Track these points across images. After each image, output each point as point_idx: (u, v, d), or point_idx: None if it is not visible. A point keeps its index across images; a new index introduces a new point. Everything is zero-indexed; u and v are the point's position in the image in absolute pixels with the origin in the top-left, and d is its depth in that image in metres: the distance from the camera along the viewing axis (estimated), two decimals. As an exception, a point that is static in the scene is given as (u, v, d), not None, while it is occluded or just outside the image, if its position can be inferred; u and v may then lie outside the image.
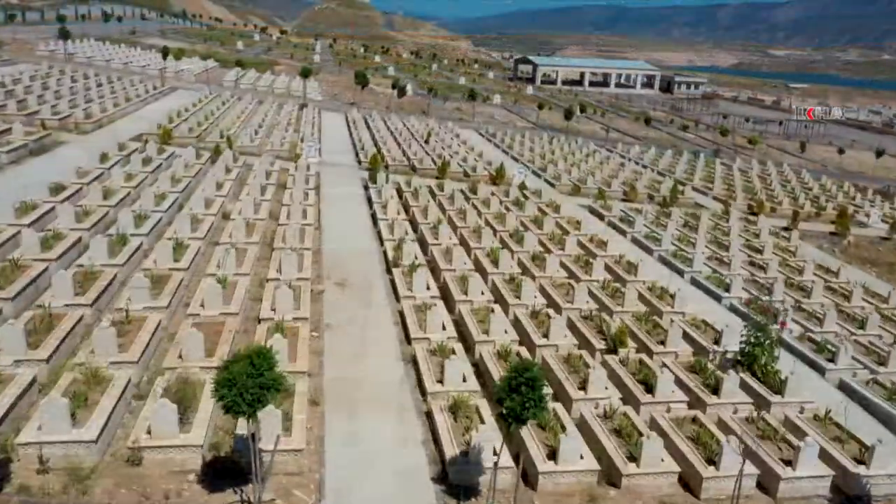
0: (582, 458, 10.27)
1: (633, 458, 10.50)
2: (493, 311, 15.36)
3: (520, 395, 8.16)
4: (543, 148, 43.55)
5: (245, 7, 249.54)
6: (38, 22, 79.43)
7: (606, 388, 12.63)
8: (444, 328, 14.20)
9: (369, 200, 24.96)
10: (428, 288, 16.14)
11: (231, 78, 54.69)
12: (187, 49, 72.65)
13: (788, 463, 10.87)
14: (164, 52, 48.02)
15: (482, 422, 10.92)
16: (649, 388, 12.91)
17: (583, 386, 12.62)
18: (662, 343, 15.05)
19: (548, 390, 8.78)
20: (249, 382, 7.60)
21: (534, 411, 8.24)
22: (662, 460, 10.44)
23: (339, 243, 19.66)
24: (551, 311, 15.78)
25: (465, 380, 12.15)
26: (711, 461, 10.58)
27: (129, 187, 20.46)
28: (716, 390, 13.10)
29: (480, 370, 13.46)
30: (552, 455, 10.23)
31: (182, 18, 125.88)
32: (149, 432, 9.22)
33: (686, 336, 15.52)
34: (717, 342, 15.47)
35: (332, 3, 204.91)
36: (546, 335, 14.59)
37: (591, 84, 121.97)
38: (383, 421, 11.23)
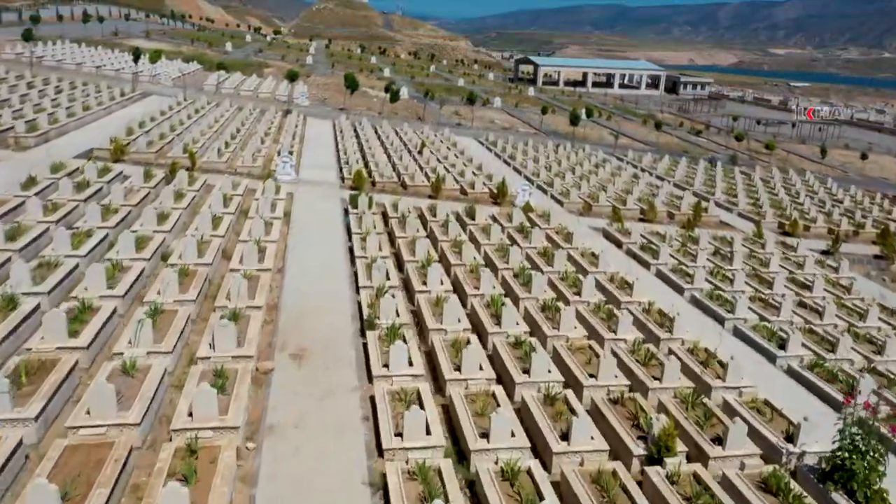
0: None
1: None
2: (494, 397, 11.65)
3: None
4: (549, 158, 39.75)
5: (244, 7, 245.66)
6: (15, 23, 75.52)
7: (657, 533, 8.89)
8: (428, 432, 10.44)
9: (349, 230, 21.20)
10: (411, 364, 12.37)
11: (212, 82, 50.91)
12: (171, 51, 68.89)
13: None
14: (136, 55, 43.96)
15: None
16: (715, 528, 9.19)
17: (622, 528, 8.90)
18: (719, 442, 11.31)
19: None
20: None
21: None
22: None
23: (304, 294, 15.79)
24: (570, 395, 12.04)
25: (455, 530, 8.42)
26: None
27: (47, 222, 16.52)
28: (807, 528, 9.38)
29: (478, 497, 9.76)
30: None
31: (171, 19, 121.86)
32: None
33: (751, 430, 11.75)
34: (790, 438, 11.71)
35: (330, 2, 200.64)
36: (566, 436, 10.83)
37: (595, 85, 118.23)
38: None
